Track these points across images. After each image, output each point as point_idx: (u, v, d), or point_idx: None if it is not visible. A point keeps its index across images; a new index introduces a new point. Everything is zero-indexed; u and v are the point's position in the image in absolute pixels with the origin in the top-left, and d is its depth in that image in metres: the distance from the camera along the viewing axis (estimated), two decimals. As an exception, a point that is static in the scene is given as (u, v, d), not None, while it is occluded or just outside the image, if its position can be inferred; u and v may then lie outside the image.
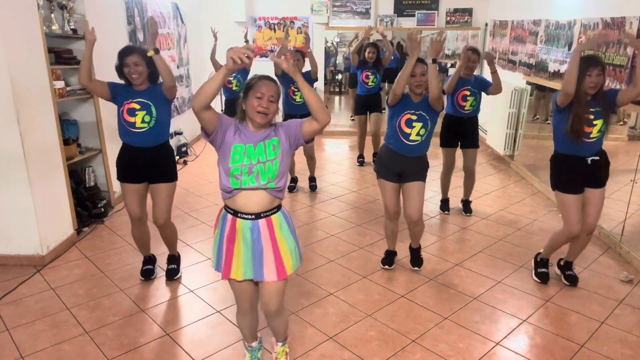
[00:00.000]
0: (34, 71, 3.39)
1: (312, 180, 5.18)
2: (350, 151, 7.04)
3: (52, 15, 3.73)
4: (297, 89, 4.72)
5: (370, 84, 5.71)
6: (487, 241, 3.92)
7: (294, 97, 4.76)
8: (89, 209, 4.14)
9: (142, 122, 2.91)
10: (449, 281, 3.28)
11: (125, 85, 2.95)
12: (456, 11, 7.57)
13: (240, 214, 2.02)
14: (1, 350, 2.55)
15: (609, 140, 5.36)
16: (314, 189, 5.14)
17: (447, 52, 9.25)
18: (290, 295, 3.07)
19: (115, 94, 2.92)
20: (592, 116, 2.85)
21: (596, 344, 2.62)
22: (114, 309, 2.92)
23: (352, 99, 9.46)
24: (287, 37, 4.85)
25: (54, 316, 2.85)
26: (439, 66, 10.16)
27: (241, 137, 2.00)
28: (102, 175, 4.44)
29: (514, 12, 6.47)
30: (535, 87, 5.93)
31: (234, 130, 2.01)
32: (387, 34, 6.10)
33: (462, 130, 4.24)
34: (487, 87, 4.13)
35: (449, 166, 4.42)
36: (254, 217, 2.01)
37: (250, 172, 1.96)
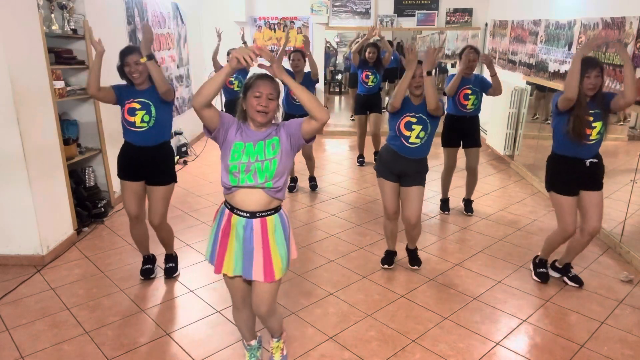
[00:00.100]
0: (34, 71, 3.39)
1: (312, 180, 5.18)
2: (350, 151, 7.04)
3: (52, 15, 3.73)
4: None
5: (370, 83, 5.72)
6: (487, 241, 3.92)
7: (294, 96, 4.76)
8: (89, 209, 4.15)
9: (142, 121, 2.93)
10: (449, 281, 3.29)
11: (127, 85, 2.97)
12: (456, 11, 7.57)
13: (236, 210, 2.04)
14: (1, 350, 2.55)
15: (609, 140, 5.38)
16: (314, 189, 5.14)
17: (447, 52, 9.25)
18: (290, 295, 3.08)
19: (119, 95, 2.94)
20: (592, 118, 2.85)
21: (596, 344, 2.62)
22: (114, 309, 2.92)
23: (352, 99, 9.48)
24: (289, 39, 4.88)
25: (54, 316, 2.85)
26: (439, 66, 10.20)
27: (242, 136, 2.01)
28: (102, 175, 4.44)
29: (514, 12, 6.47)
30: (535, 87, 5.93)
31: (236, 128, 2.03)
32: (383, 34, 6.11)
33: (464, 129, 4.24)
34: (487, 87, 4.13)
35: (450, 166, 4.41)
36: (248, 215, 2.02)
37: (247, 170, 1.97)
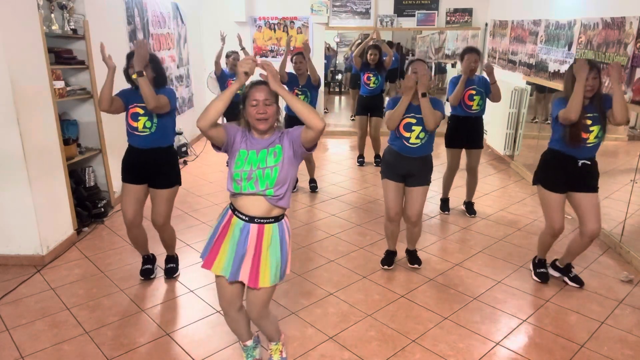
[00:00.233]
0: (34, 71, 3.39)
1: (312, 182, 5.18)
2: (350, 151, 7.04)
3: (52, 15, 3.73)
4: (299, 92, 4.74)
5: (372, 85, 5.75)
6: (487, 241, 3.92)
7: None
8: (89, 209, 4.15)
9: (144, 127, 2.94)
10: (449, 281, 3.28)
11: (131, 89, 2.96)
12: (456, 11, 7.57)
13: (237, 213, 2.07)
14: (1, 350, 2.55)
15: (609, 140, 5.38)
16: (314, 190, 5.14)
17: (447, 52, 9.26)
18: (290, 295, 3.08)
19: (125, 101, 2.93)
20: (590, 122, 2.84)
21: (596, 344, 2.62)
22: (114, 309, 2.92)
23: (352, 99, 9.49)
24: (290, 47, 4.92)
25: (54, 316, 2.85)
26: (439, 67, 10.20)
27: (247, 144, 2.05)
28: (102, 175, 4.44)
29: (514, 12, 6.47)
30: (534, 88, 5.93)
31: (241, 136, 2.06)
32: (383, 38, 6.13)
33: (469, 130, 4.23)
34: (488, 90, 4.12)
35: (453, 167, 4.41)
36: (247, 219, 2.05)
37: (249, 178, 2.00)
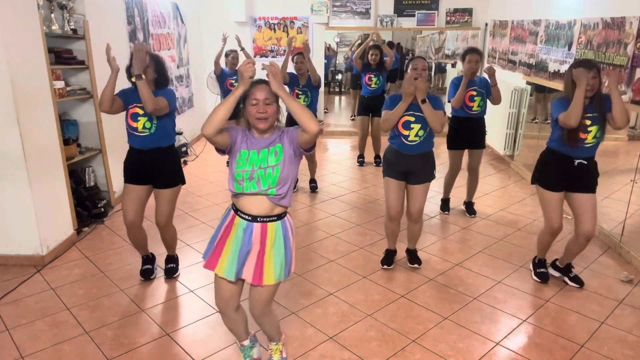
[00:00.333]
0: (34, 71, 3.39)
1: (312, 182, 5.18)
2: (350, 151, 7.04)
3: (52, 15, 3.73)
4: (300, 92, 4.75)
5: (373, 85, 5.76)
6: (487, 241, 3.92)
7: (297, 99, 4.79)
8: (89, 209, 4.15)
9: (144, 127, 2.93)
10: (449, 281, 3.28)
11: (131, 88, 2.94)
12: (456, 11, 7.57)
13: (240, 213, 2.08)
14: (1, 350, 2.55)
15: (609, 140, 5.38)
16: (315, 190, 5.14)
17: (447, 52, 9.26)
18: (290, 295, 3.08)
19: (125, 101, 2.92)
20: (589, 122, 2.83)
21: (596, 344, 2.62)
22: (114, 309, 2.92)
23: (353, 99, 9.50)
24: (292, 47, 4.93)
25: (54, 316, 2.85)
26: (439, 66, 10.21)
27: (247, 143, 2.05)
28: (102, 175, 4.44)
29: (514, 12, 6.47)
30: (534, 89, 5.93)
31: (242, 136, 2.06)
32: (383, 38, 6.12)
33: (470, 131, 4.23)
34: (489, 91, 4.12)
35: (456, 169, 4.40)
36: (250, 218, 2.05)
37: (251, 177, 2.00)
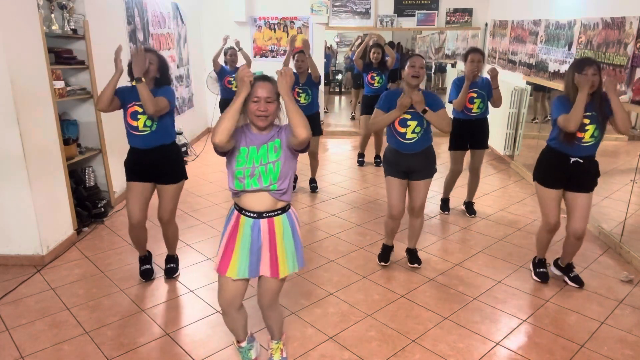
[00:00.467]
0: (34, 71, 3.39)
1: (312, 182, 5.18)
2: (350, 151, 7.05)
3: (52, 15, 3.73)
4: (301, 90, 4.74)
5: (376, 84, 5.76)
6: (487, 241, 3.92)
7: (298, 98, 4.79)
8: (89, 209, 4.15)
9: (144, 126, 2.92)
10: (449, 281, 3.28)
11: (129, 87, 2.91)
12: (456, 11, 7.57)
13: (244, 211, 2.07)
14: (1, 350, 2.54)
15: (609, 140, 5.39)
16: (315, 190, 5.14)
17: (447, 52, 9.26)
18: (290, 295, 3.08)
19: (123, 99, 2.90)
20: (587, 120, 2.83)
21: (596, 344, 2.62)
22: (114, 309, 2.92)
23: (354, 98, 9.51)
24: (293, 46, 4.92)
25: (54, 316, 2.85)
26: (439, 66, 10.21)
27: (246, 140, 2.04)
28: (102, 175, 4.44)
29: (514, 12, 6.47)
30: (534, 89, 5.93)
31: (240, 133, 2.05)
32: (384, 38, 6.14)
33: (472, 132, 4.23)
34: (491, 93, 4.09)
35: (457, 170, 4.40)
36: (255, 215, 2.05)
37: (252, 174, 2.00)
